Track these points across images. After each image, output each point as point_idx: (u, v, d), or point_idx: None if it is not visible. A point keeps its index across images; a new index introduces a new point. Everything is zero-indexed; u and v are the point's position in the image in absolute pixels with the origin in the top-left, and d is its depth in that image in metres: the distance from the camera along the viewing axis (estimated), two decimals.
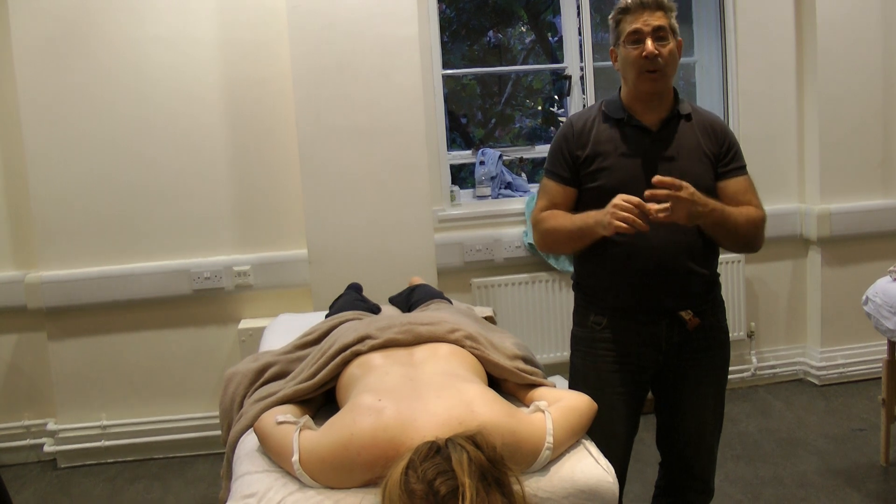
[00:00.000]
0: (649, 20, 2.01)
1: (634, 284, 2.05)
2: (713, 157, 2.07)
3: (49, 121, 3.56)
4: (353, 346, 1.93)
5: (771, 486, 3.13)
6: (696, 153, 2.06)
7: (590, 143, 2.09)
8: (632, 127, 2.07)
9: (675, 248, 2.01)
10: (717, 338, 2.15)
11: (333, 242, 3.55)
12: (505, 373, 1.95)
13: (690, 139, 2.07)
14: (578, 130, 2.12)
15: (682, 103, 2.11)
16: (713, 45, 4.20)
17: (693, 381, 2.13)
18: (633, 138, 2.07)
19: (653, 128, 2.07)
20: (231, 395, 2.14)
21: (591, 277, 2.15)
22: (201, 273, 3.69)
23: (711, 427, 2.18)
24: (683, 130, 2.08)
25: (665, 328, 2.07)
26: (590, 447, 1.70)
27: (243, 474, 1.68)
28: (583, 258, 2.17)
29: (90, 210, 3.63)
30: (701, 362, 2.12)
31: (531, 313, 3.90)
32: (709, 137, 2.08)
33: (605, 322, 2.12)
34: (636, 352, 2.10)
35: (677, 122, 2.08)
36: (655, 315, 2.07)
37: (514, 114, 4.73)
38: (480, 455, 1.35)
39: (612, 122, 2.10)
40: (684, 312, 2.06)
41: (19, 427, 3.79)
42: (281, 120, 3.68)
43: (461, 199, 4.00)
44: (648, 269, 2.02)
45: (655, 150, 2.06)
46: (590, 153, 2.08)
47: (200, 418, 3.76)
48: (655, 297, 2.05)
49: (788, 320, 4.27)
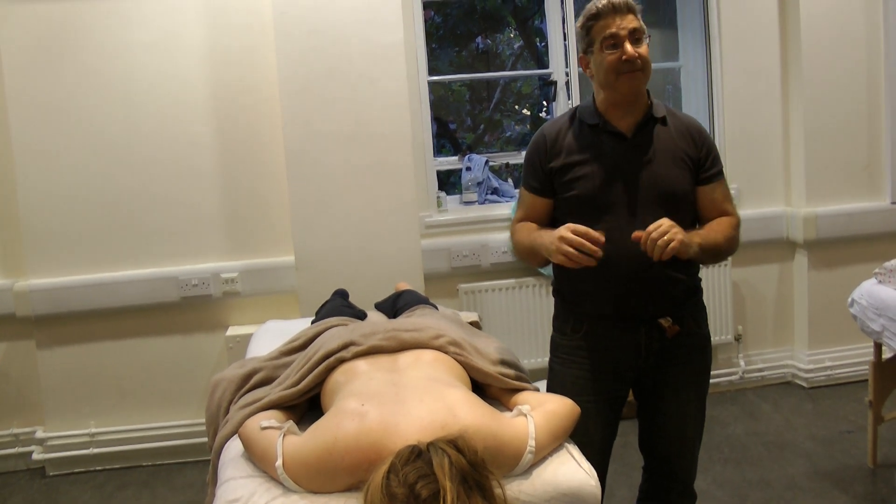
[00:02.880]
0: (623, 24, 1.98)
1: (613, 292, 2.03)
2: (692, 161, 2.05)
3: (37, 127, 3.57)
4: (337, 353, 1.94)
5: (758, 489, 3.14)
6: (672, 157, 2.04)
7: (563, 152, 2.07)
8: (606, 133, 2.05)
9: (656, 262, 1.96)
10: (697, 343, 2.14)
11: (320, 248, 3.56)
12: (488, 378, 1.96)
13: (667, 143, 2.05)
14: (551, 140, 2.10)
15: (656, 106, 2.08)
16: (698, 49, 4.22)
17: (674, 386, 2.13)
18: (608, 144, 2.05)
19: (627, 133, 2.04)
20: (217, 401, 2.15)
21: (569, 284, 2.14)
22: (189, 280, 3.70)
23: (693, 431, 2.18)
24: (660, 134, 2.06)
25: (644, 335, 2.06)
26: (572, 451, 1.72)
27: (228, 479, 1.69)
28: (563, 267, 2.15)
29: (79, 217, 3.63)
30: (681, 367, 2.12)
31: (518, 318, 3.91)
32: (687, 141, 2.06)
33: (584, 329, 2.11)
34: (615, 358, 2.09)
35: (653, 125, 2.06)
36: (634, 322, 2.05)
37: (504, 119, 4.75)
38: (462, 459, 1.36)
39: (586, 129, 2.07)
40: (663, 320, 2.04)
41: (8, 435, 3.78)
42: (268, 126, 3.68)
43: (448, 205, 4.01)
44: (627, 276, 2.00)
45: (631, 156, 2.04)
46: (564, 163, 2.06)
47: (188, 425, 3.76)
48: (634, 305, 2.04)
49: (775, 323, 4.28)
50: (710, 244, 1.99)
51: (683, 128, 2.08)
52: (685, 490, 2.22)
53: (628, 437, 2.28)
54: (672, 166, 2.03)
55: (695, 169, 2.06)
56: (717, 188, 2.08)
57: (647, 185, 2.01)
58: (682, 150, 2.05)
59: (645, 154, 2.03)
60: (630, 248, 1.93)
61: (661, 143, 2.04)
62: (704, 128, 2.15)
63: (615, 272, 2.00)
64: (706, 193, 2.07)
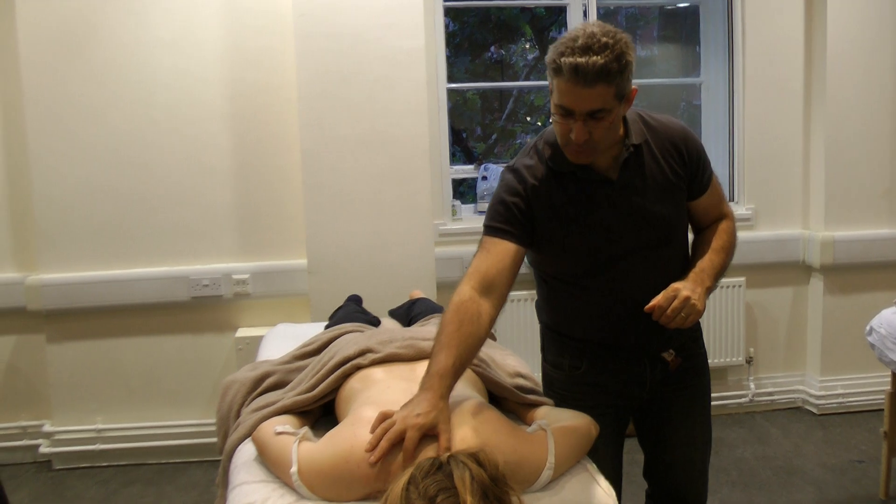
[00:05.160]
0: (582, 100, 1.64)
1: (613, 328, 1.92)
2: (682, 179, 1.88)
3: (53, 124, 3.57)
4: (354, 360, 1.92)
5: None
6: (663, 188, 1.85)
7: (546, 202, 1.82)
8: (589, 181, 1.81)
9: (655, 290, 1.78)
10: (698, 365, 2.05)
11: (333, 253, 3.54)
12: (505, 392, 1.94)
13: (654, 172, 1.84)
14: (532, 187, 1.82)
15: (632, 128, 1.83)
16: (720, 65, 4.19)
17: (679, 413, 2.03)
18: (593, 193, 1.82)
19: (611, 175, 1.81)
20: (228, 403, 2.13)
21: (562, 323, 2.01)
22: (200, 280, 3.69)
23: (701, 455, 2.10)
24: (644, 165, 1.84)
25: (648, 367, 1.96)
26: (591, 468, 1.69)
27: (240, 484, 1.67)
28: (551, 303, 2.02)
29: (92, 214, 3.64)
30: (684, 392, 2.02)
31: (530, 330, 3.87)
32: (673, 158, 1.86)
33: (583, 366, 1.98)
34: (617, 392, 1.99)
35: (635, 156, 1.83)
36: (636, 356, 1.95)
37: (516, 129, 4.73)
38: (483, 473, 1.34)
39: (563, 176, 1.82)
40: (667, 354, 1.95)
41: (16, 428, 3.79)
42: (284, 128, 3.68)
43: (462, 214, 4.00)
44: (627, 313, 1.87)
45: (621, 200, 1.83)
46: (549, 215, 1.82)
47: (195, 425, 3.76)
48: (635, 343, 1.92)
49: (788, 347, 4.24)
50: (719, 272, 1.88)
51: (666, 143, 1.86)
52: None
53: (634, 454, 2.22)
54: (664, 198, 1.86)
55: (687, 184, 1.90)
56: (711, 193, 1.95)
57: (642, 228, 1.85)
58: (671, 172, 1.86)
59: (634, 194, 1.83)
60: (627, 292, 1.85)
61: (649, 175, 1.84)
62: (686, 130, 1.91)
63: (614, 316, 1.90)
64: (701, 204, 1.95)
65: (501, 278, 1.76)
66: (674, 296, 1.73)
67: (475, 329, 1.69)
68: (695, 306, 1.73)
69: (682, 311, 1.72)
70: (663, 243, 1.89)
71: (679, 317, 1.72)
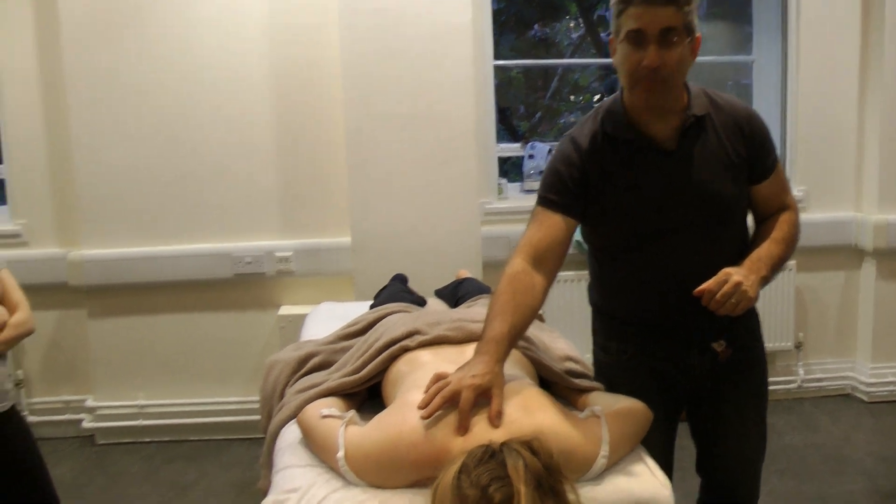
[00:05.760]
0: (656, 19, 1.62)
1: (660, 317, 1.86)
2: (744, 160, 1.79)
3: (95, 100, 3.56)
4: (401, 342, 1.87)
5: None
6: (723, 164, 1.77)
7: (601, 170, 1.78)
8: (646, 149, 1.76)
9: (706, 273, 1.69)
10: (753, 357, 1.96)
11: (378, 231, 3.51)
12: (555, 376, 1.89)
13: (715, 148, 1.77)
14: (586, 152, 1.78)
15: (695, 102, 1.77)
16: (773, 43, 4.07)
17: (732, 408, 1.94)
18: (651, 163, 1.77)
19: (669, 145, 1.76)
20: (272, 382, 2.10)
21: (612, 302, 1.96)
22: (243, 257, 3.67)
23: (754, 452, 2.00)
24: (705, 138, 1.77)
25: (696, 357, 1.88)
26: (646, 458, 1.64)
27: (285, 467, 1.63)
28: (601, 280, 1.96)
29: (134, 190, 3.63)
30: (739, 386, 1.93)
31: (576, 312, 3.81)
32: (736, 138, 1.78)
33: (630, 351, 1.93)
34: (666, 379, 1.92)
35: (696, 129, 1.76)
36: (685, 345, 1.88)
37: (561, 108, 4.66)
38: (536, 461, 1.29)
39: (619, 144, 1.78)
40: (716, 344, 1.86)
41: (58, 402, 3.82)
42: (328, 105, 3.63)
43: (508, 193, 3.94)
44: (675, 302, 1.80)
45: (677, 173, 1.76)
46: (602, 184, 1.78)
47: (237, 402, 3.75)
48: (684, 330, 1.85)
49: (838, 333, 4.14)
50: (777, 264, 1.78)
51: (730, 122, 1.79)
52: None
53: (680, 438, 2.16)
54: (723, 176, 1.78)
55: (748, 167, 1.80)
56: (774, 181, 1.85)
57: (697, 203, 1.77)
58: (732, 151, 1.78)
59: (691, 167, 1.76)
60: (678, 272, 1.78)
61: (709, 150, 1.77)
62: (753, 111, 1.85)
63: (663, 297, 1.83)
64: (762, 190, 1.84)
65: (553, 251, 1.75)
66: (725, 280, 1.65)
67: (529, 299, 1.69)
68: (746, 293, 1.65)
69: (732, 296, 1.64)
70: (718, 223, 1.81)
71: (729, 303, 1.65)
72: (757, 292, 1.69)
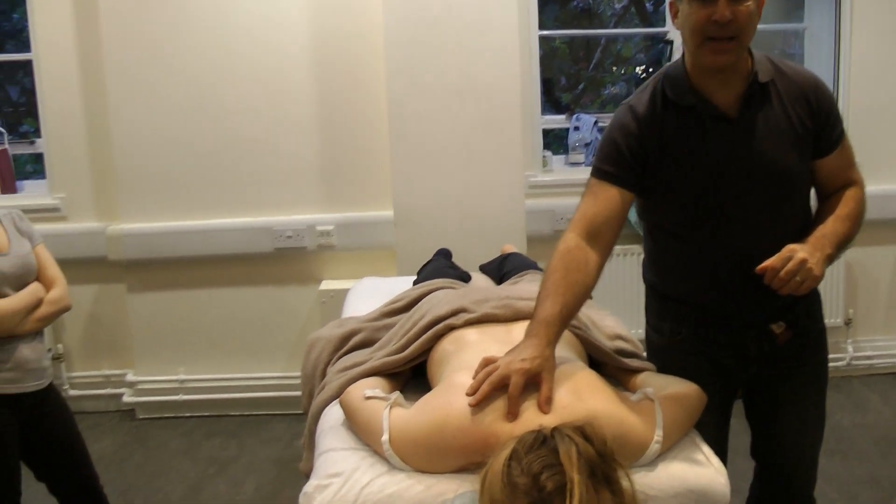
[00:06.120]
0: None
1: (717, 296, 1.78)
2: (809, 132, 1.70)
3: (133, 72, 3.51)
4: (446, 320, 1.81)
5: (868, 488, 2.94)
6: (786, 135, 1.68)
7: (659, 139, 1.70)
8: (706, 116, 1.68)
9: (766, 251, 1.61)
10: (813, 341, 1.87)
11: (421, 204, 3.44)
12: (606, 356, 1.82)
13: (779, 117, 1.68)
14: (645, 121, 1.71)
15: (760, 68, 1.68)
16: (825, 9, 3.94)
17: (790, 392, 1.86)
18: (711, 130, 1.68)
19: (732, 112, 1.68)
20: (314, 361, 2.05)
21: (667, 281, 1.89)
22: (283, 231, 3.63)
23: (812, 438, 1.90)
24: (769, 107, 1.68)
25: (753, 339, 1.81)
26: (701, 444, 1.57)
27: (328, 450, 1.58)
28: (656, 258, 1.89)
29: (173, 163, 3.59)
30: (798, 370, 1.85)
31: (622, 287, 3.74)
32: (801, 108, 1.69)
33: (683, 332, 1.86)
34: (722, 363, 1.84)
35: (760, 97, 1.68)
36: (741, 327, 1.80)
37: (605, 79, 4.56)
38: (590, 448, 1.21)
39: (682, 110, 1.70)
40: (775, 326, 1.78)
41: (99, 376, 3.82)
42: (370, 76, 3.56)
43: (553, 165, 3.85)
44: (734, 281, 1.73)
45: (739, 142, 1.68)
46: (660, 153, 1.70)
47: (278, 377, 3.73)
48: (742, 310, 1.78)
49: (889, 309, 4.03)
50: (842, 241, 1.69)
51: (796, 90, 1.70)
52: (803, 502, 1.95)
53: None
54: (787, 147, 1.69)
55: (813, 140, 1.71)
56: (841, 154, 1.75)
57: (759, 175, 1.68)
58: (797, 121, 1.69)
59: (754, 137, 1.67)
60: (737, 250, 1.70)
61: (773, 119, 1.68)
62: (819, 81, 1.74)
63: (720, 276, 1.75)
64: (827, 164, 1.74)
65: (608, 226, 1.69)
66: (789, 257, 1.56)
67: (582, 277, 1.63)
68: (811, 271, 1.56)
69: (796, 274, 1.55)
70: (780, 198, 1.72)
71: (794, 281, 1.56)
72: (822, 271, 1.60)
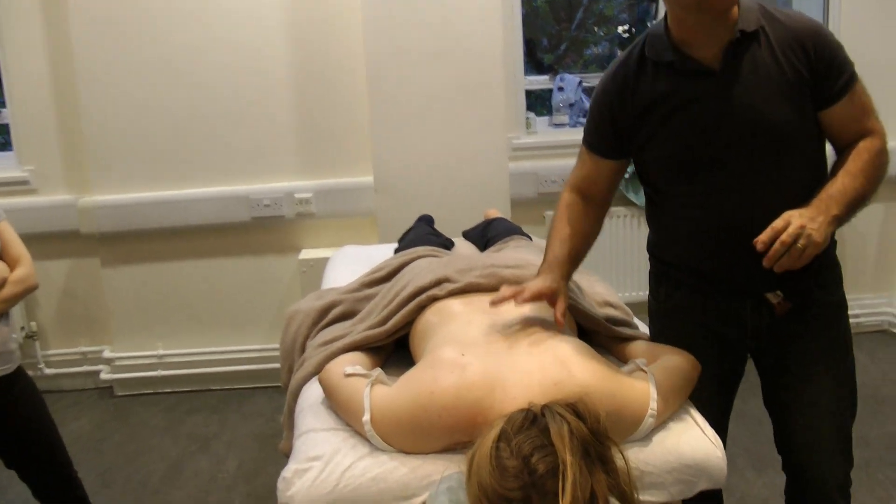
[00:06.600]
0: None
1: (709, 260, 1.67)
2: (805, 82, 1.56)
3: (101, 37, 3.39)
4: (429, 290, 1.75)
5: (856, 447, 2.87)
6: (778, 85, 1.55)
7: (635, 103, 1.64)
8: (687, 72, 1.58)
9: (762, 214, 1.50)
10: (826, 314, 1.69)
11: (401, 170, 3.36)
12: (597, 325, 1.76)
13: (769, 67, 1.55)
14: (619, 86, 1.66)
15: (745, 16, 1.56)
16: None
17: (799, 371, 1.70)
18: (692, 86, 1.58)
19: (714, 65, 1.57)
20: (293, 335, 1.99)
21: (661, 244, 1.80)
22: (261, 200, 3.54)
23: (829, 425, 1.69)
24: (757, 57, 1.56)
25: (749, 309, 1.68)
26: (695, 416, 1.51)
27: (307, 431, 1.52)
28: (652, 219, 1.81)
29: (146, 132, 3.48)
30: (807, 346, 1.68)
31: (607, 250, 3.70)
32: (796, 56, 1.55)
33: (677, 296, 1.77)
34: (720, 333, 1.73)
35: (746, 46, 1.56)
36: (737, 295, 1.68)
37: (588, 39, 4.47)
38: (583, 427, 1.15)
39: (661, 68, 1.62)
40: (772, 294, 1.65)
41: (76, 353, 3.74)
42: (348, 39, 3.45)
43: (537, 127, 3.78)
44: (726, 244, 1.62)
45: (723, 96, 1.57)
46: (636, 116, 1.64)
47: (259, 350, 3.67)
48: (737, 276, 1.65)
49: (876, 266, 4.01)
50: (854, 200, 1.52)
51: (790, 38, 1.56)
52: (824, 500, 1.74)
53: None
54: (777, 99, 1.56)
55: (812, 89, 1.57)
56: (850, 103, 1.58)
57: (747, 130, 1.57)
58: (790, 71, 1.55)
59: (739, 89, 1.56)
60: (731, 213, 1.60)
61: (762, 70, 1.56)
62: (819, 27, 1.59)
63: (717, 235, 1.64)
64: (835, 115, 1.59)
65: (598, 189, 1.77)
66: (784, 227, 1.43)
67: (585, 227, 1.73)
68: (811, 237, 1.41)
69: (792, 245, 1.42)
70: (774, 155, 1.58)
71: (794, 249, 1.42)
72: (825, 236, 1.44)
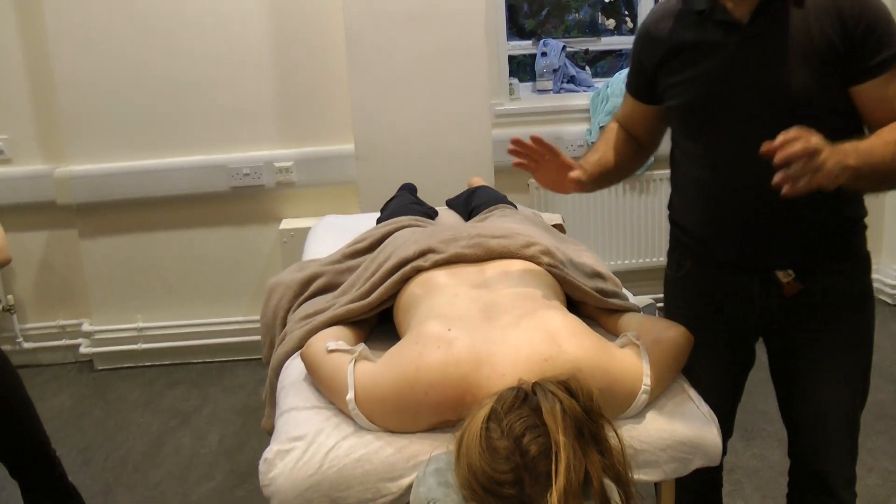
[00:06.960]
0: None
1: (718, 230, 1.61)
2: (837, 53, 1.44)
3: (73, 3, 3.28)
4: (414, 261, 1.69)
5: None
6: (803, 51, 1.45)
7: (662, 49, 1.62)
8: (714, 22, 1.53)
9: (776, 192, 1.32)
10: (844, 301, 1.59)
11: (383, 137, 3.30)
12: (587, 297, 1.70)
13: (799, 32, 1.46)
14: (652, 33, 1.65)
15: None
16: None
17: (808, 361, 1.62)
18: (716, 37, 1.53)
19: (743, 19, 1.50)
20: (273, 308, 1.93)
21: (677, 204, 1.75)
22: (240, 169, 3.46)
23: (837, 416, 1.62)
24: (789, 19, 1.47)
25: (758, 286, 1.61)
26: (690, 391, 1.47)
27: (290, 409, 1.47)
28: (673, 179, 1.76)
29: (122, 100, 3.39)
30: (820, 335, 1.60)
31: (595, 218, 3.66)
32: (831, 23, 1.44)
33: (686, 268, 1.72)
34: (728, 310, 1.67)
35: (779, 6, 1.47)
36: (745, 269, 1.61)
37: (570, 4, 4.39)
38: (575, 405, 1.11)
39: (692, 17, 1.57)
40: (782, 273, 1.56)
41: (55, 327, 3.67)
42: (326, 3, 3.36)
43: (520, 93, 3.72)
44: (736, 211, 1.56)
45: (746, 52, 1.50)
46: (665, 63, 1.62)
47: (240, 322, 3.62)
48: (746, 249, 1.59)
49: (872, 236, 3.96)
50: (877, 165, 1.36)
51: (829, 4, 1.45)
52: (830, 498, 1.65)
53: None
54: (799, 63, 1.46)
55: (844, 62, 1.45)
56: (887, 83, 1.43)
57: (767, 93, 1.48)
58: (823, 38, 1.44)
59: (765, 49, 1.48)
60: (740, 175, 1.53)
61: (792, 32, 1.46)
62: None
63: (721, 206, 1.58)
64: (869, 93, 1.45)
65: (638, 131, 1.79)
66: (795, 138, 1.26)
67: (624, 149, 1.77)
68: (820, 167, 1.25)
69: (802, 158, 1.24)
70: (788, 123, 1.34)
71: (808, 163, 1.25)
72: (835, 175, 1.27)
